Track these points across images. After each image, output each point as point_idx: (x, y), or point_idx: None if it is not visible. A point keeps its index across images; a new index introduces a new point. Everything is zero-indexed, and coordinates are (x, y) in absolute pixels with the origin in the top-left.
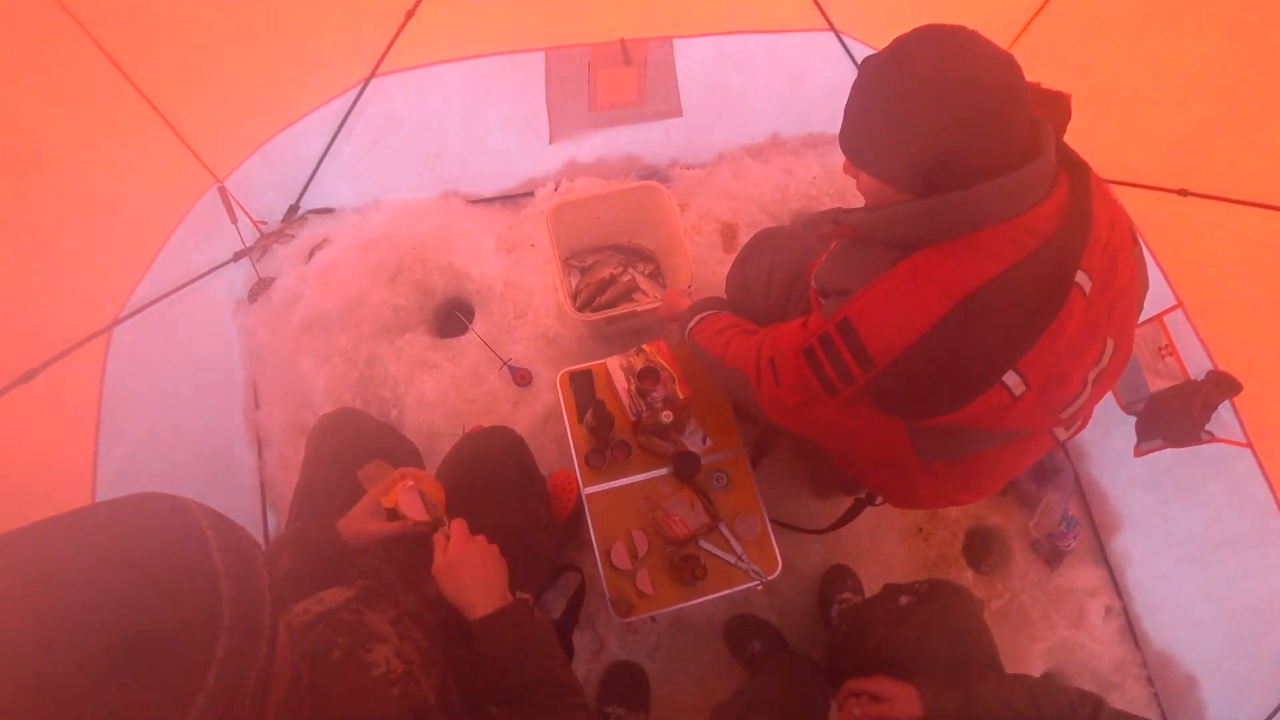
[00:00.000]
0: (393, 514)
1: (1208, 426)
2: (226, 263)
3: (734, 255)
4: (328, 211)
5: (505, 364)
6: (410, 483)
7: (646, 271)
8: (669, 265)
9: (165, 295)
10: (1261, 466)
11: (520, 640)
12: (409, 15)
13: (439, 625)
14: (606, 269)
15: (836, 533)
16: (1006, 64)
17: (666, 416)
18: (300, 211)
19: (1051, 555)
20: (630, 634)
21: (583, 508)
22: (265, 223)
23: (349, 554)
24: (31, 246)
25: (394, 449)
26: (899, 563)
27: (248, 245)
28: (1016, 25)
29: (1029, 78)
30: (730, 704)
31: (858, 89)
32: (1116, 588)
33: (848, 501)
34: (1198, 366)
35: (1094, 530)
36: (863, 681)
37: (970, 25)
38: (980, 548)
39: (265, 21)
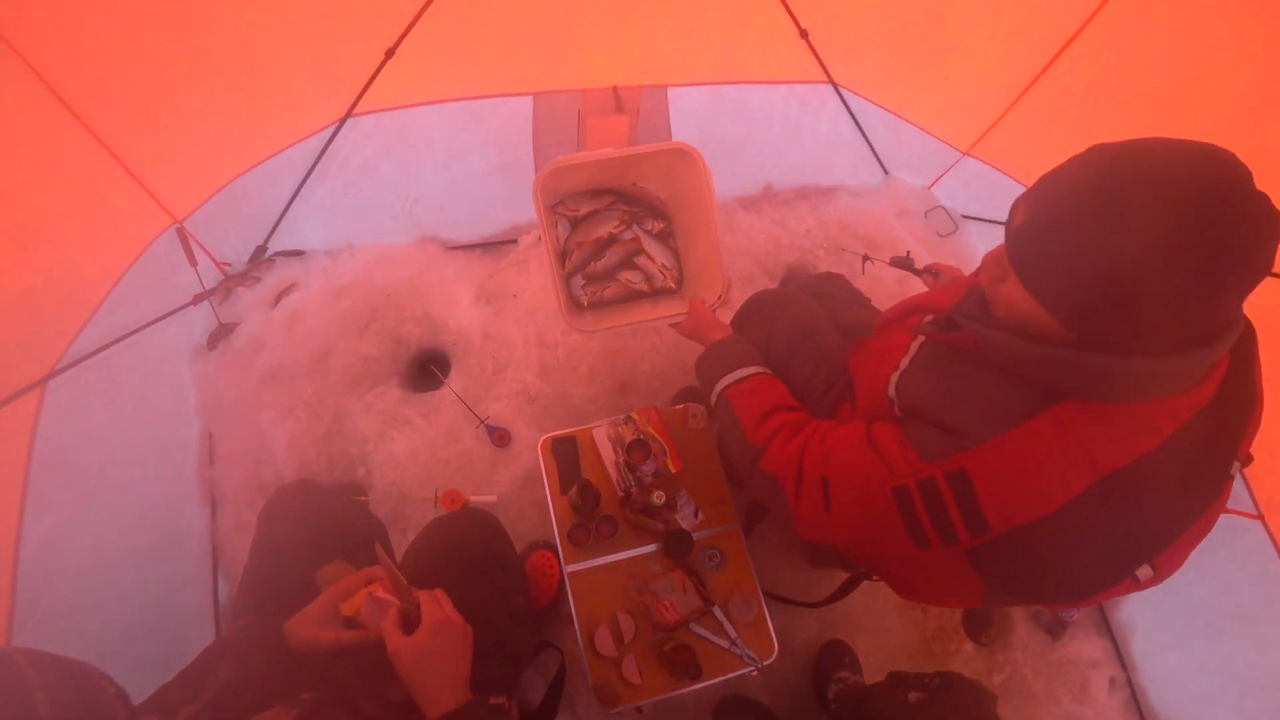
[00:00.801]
0: (351, 622)
1: None
2: (185, 305)
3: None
4: (297, 254)
5: (482, 423)
6: (375, 589)
7: (654, 230)
8: (693, 260)
9: (112, 343)
10: (1273, 538)
11: None
12: (389, 54)
13: None
14: (605, 225)
15: (832, 605)
16: (1273, 227)
17: (659, 498)
18: (268, 253)
19: (1054, 626)
20: (615, 716)
21: (564, 587)
22: (229, 264)
23: (298, 660)
24: None
25: (357, 529)
26: (897, 636)
27: (210, 288)
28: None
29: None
30: None
31: (1074, 202)
32: (1120, 659)
33: (844, 574)
34: None
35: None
36: None
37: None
38: (980, 618)
39: (233, 57)
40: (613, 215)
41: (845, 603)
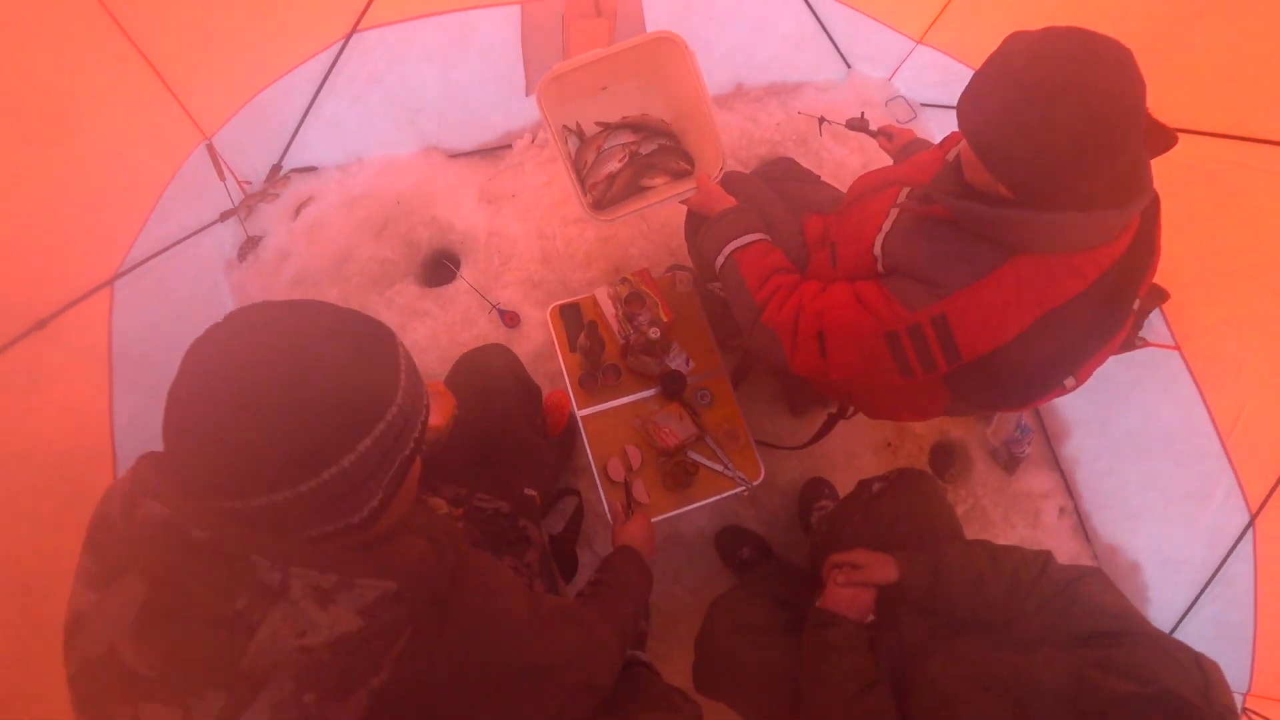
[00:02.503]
0: None
1: (1141, 333)
2: (214, 223)
3: None
4: (311, 170)
5: (494, 307)
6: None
7: (658, 149)
8: (691, 140)
9: (159, 252)
10: (1188, 366)
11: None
12: None
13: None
14: (612, 162)
15: (812, 449)
16: (1139, 92)
17: (654, 333)
18: (283, 170)
19: (1009, 462)
20: None
21: (576, 429)
22: (250, 182)
23: None
24: (37, 198)
25: None
26: (870, 473)
27: (234, 205)
28: None
29: None
30: (726, 595)
31: (998, 87)
32: (1069, 489)
33: (821, 418)
34: None
35: (1046, 439)
36: (845, 554)
37: None
38: (945, 459)
39: None
40: (617, 149)
41: (823, 445)
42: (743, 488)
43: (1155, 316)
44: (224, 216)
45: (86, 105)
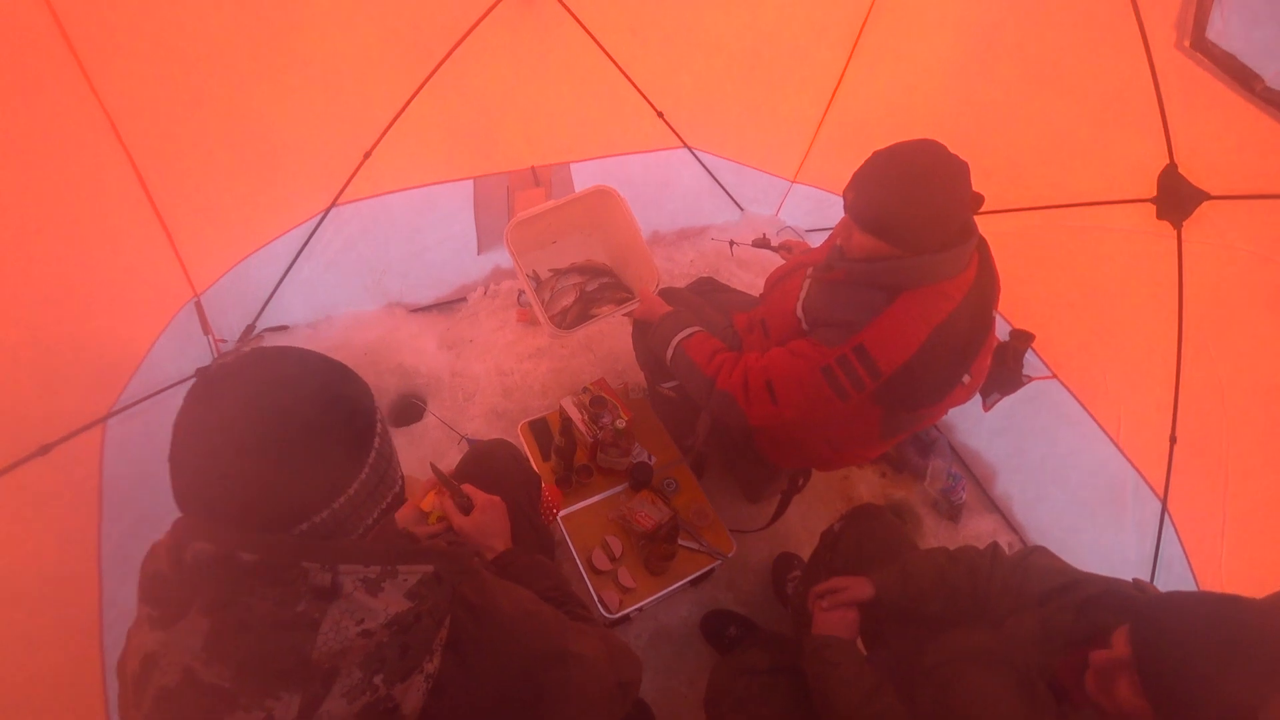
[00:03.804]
0: (424, 517)
1: (1024, 371)
2: (190, 379)
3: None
4: (282, 329)
5: (463, 438)
6: (436, 492)
7: (602, 285)
8: (628, 273)
9: (146, 397)
10: (1069, 389)
11: (530, 564)
12: (366, 155)
13: None
14: (569, 296)
15: (775, 528)
16: (966, 169)
17: (621, 423)
18: (256, 330)
19: (951, 511)
20: None
21: (558, 530)
22: (225, 340)
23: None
24: (51, 330)
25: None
26: None
27: (209, 362)
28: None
29: None
30: (726, 657)
31: (874, 179)
32: (1010, 524)
33: (776, 500)
34: (1002, 330)
35: (978, 484)
36: (824, 584)
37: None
38: (895, 518)
39: (258, 157)
40: (570, 287)
41: (785, 524)
42: (719, 560)
43: (1030, 356)
44: (198, 372)
45: (103, 249)
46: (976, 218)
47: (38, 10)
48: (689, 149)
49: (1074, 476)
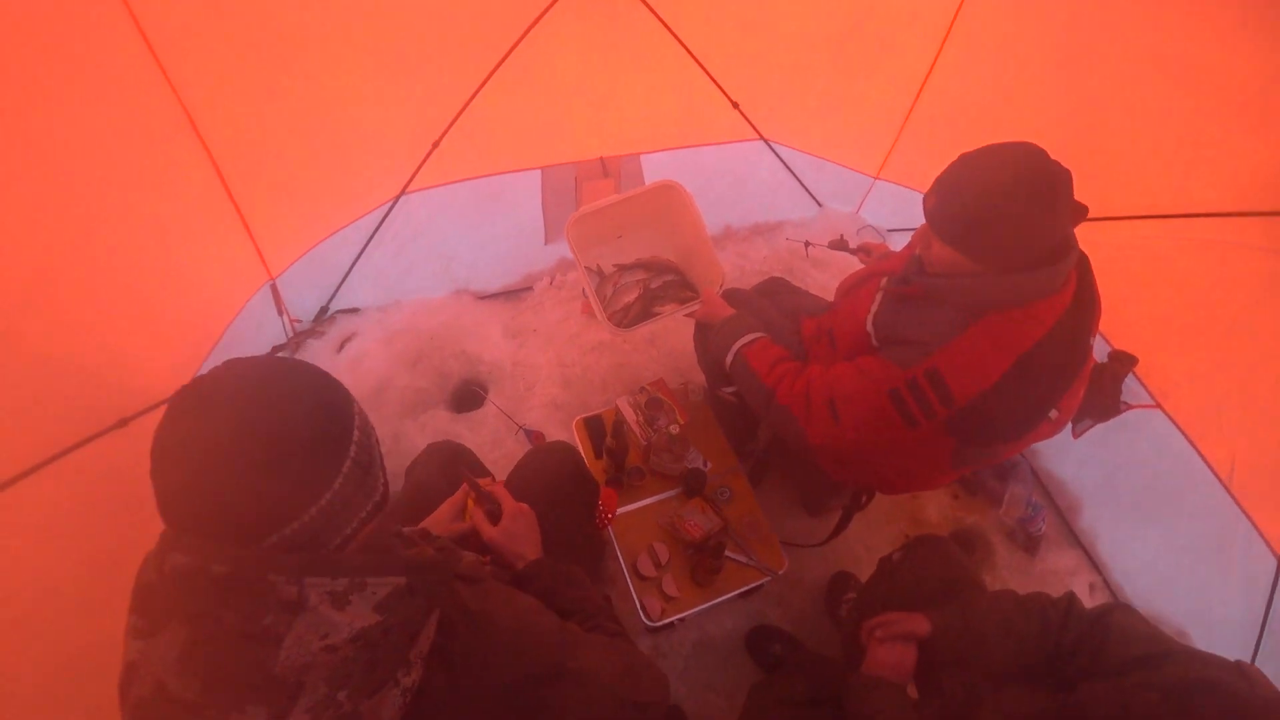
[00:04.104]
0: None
1: (1123, 398)
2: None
3: None
4: (354, 311)
5: (520, 428)
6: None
7: (666, 282)
8: (694, 271)
9: None
10: (1174, 421)
11: (562, 574)
12: (435, 145)
13: None
14: (632, 293)
15: (833, 545)
16: (1068, 178)
17: (674, 428)
18: (330, 311)
19: (1028, 542)
20: (659, 657)
21: (607, 534)
22: (300, 320)
23: None
24: (133, 311)
25: (465, 463)
26: None
27: (286, 340)
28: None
29: None
30: (765, 679)
31: (960, 186)
32: (1093, 563)
33: (837, 515)
34: (1100, 352)
35: (1061, 516)
36: (879, 617)
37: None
38: (964, 545)
39: (329, 146)
40: (634, 283)
41: (844, 542)
42: (768, 577)
43: (1131, 381)
44: (274, 350)
45: (183, 236)
46: (1079, 227)
47: (113, 5)
48: (765, 141)
49: (1173, 518)
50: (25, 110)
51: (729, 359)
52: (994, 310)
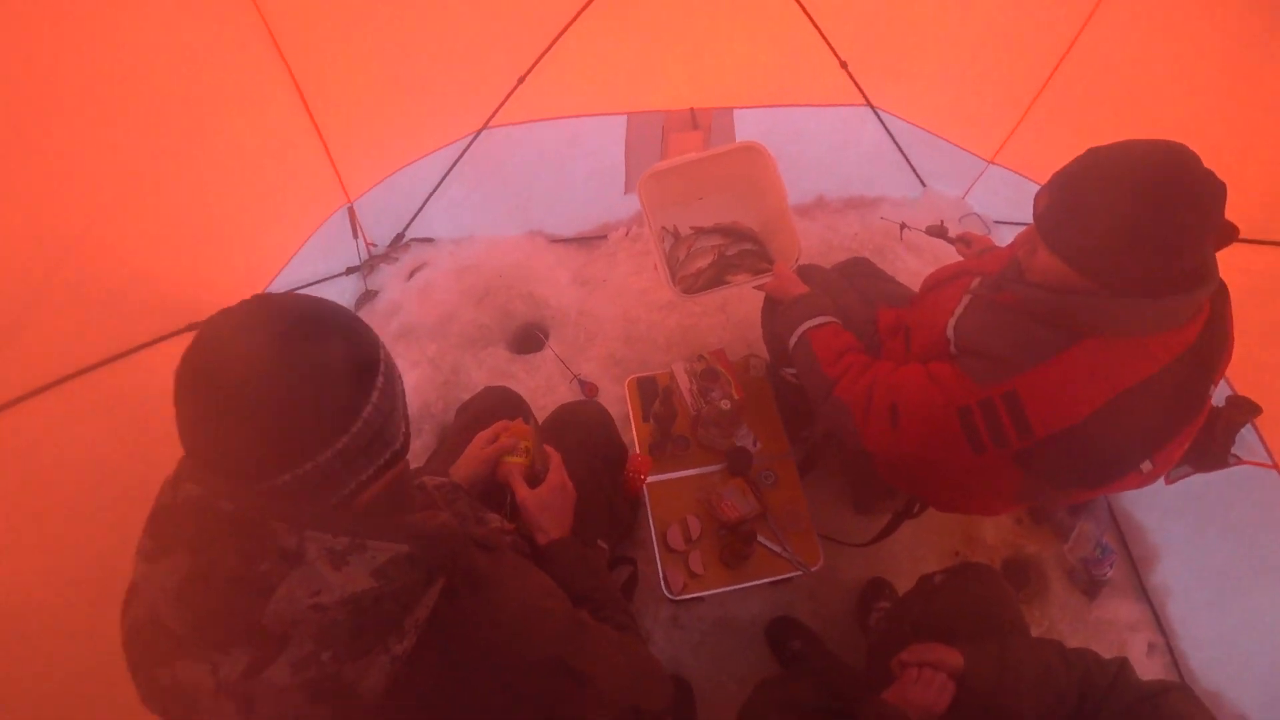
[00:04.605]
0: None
1: (1233, 450)
2: (339, 275)
3: None
4: (428, 240)
5: (575, 377)
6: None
7: (743, 251)
8: (774, 242)
9: (295, 290)
10: None
11: (583, 558)
12: (520, 80)
13: None
14: (705, 258)
15: (876, 549)
16: (1220, 192)
17: (725, 404)
18: (405, 238)
19: (1089, 585)
20: (676, 629)
21: (642, 499)
22: (375, 244)
23: None
24: (212, 223)
25: (520, 409)
26: None
27: (360, 262)
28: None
29: None
30: (774, 677)
31: (1082, 188)
32: (1159, 623)
33: (887, 517)
34: (1219, 394)
35: (1132, 564)
36: (910, 651)
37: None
38: (1017, 575)
39: (412, 76)
40: (709, 248)
41: (888, 547)
42: (799, 571)
43: (1249, 433)
44: (349, 271)
45: (265, 155)
46: (1223, 252)
47: None
48: (872, 108)
49: (1265, 595)
50: (122, 27)
51: (793, 340)
52: (1098, 335)
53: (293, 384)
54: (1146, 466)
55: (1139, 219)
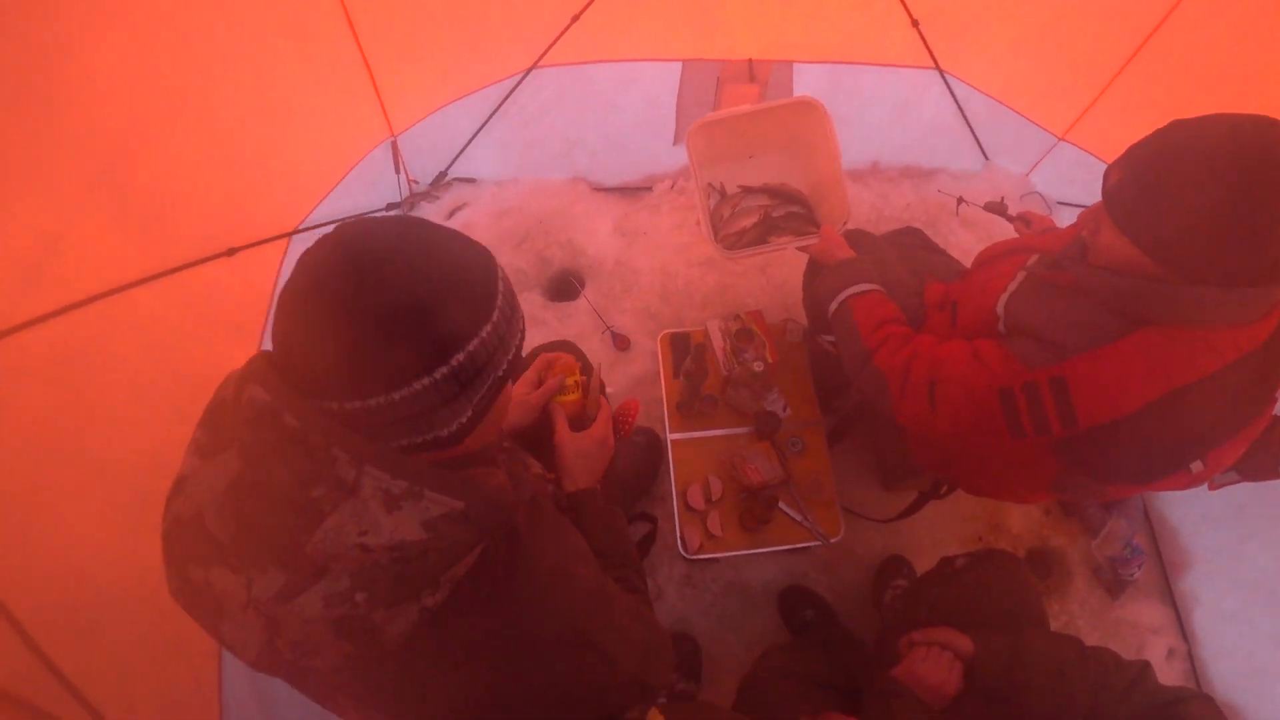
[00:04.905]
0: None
1: None
2: (380, 210)
3: None
4: (470, 181)
5: (609, 329)
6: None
7: (790, 214)
8: (824, 207)
9: (333, 222)
10: None
11: (605, 514)
12: (574, 19)
13: None
14: (750, 218)
15: (898, 526)
16: None
17: (758, 366)
18: (448, 177)
19: (1114, 584)
20: (689, 587)
21: (663, 454)
22: (418, 181)
23: None
24: (250, 150)
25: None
26: None
27: (401, 199)
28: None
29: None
30: (781, 646)
31: (1161, 165)
32: (1182, 630)
33: (913, 495)
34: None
35: (1161, 567)
36: (921, 631)
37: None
38: (1041, 566)
39: (464, 5)
40: (755, 208)
41: (910, 527)
42: (819, 542)
43: None
44: (389, 207)
45: (310, 82)
46: None
47: None
48: (940, 72)
49: None
50: None
51: (834, 305)
52: (1161, 324)
53: (422, 294)
54: (1197, 467)
55: (1223, 202)
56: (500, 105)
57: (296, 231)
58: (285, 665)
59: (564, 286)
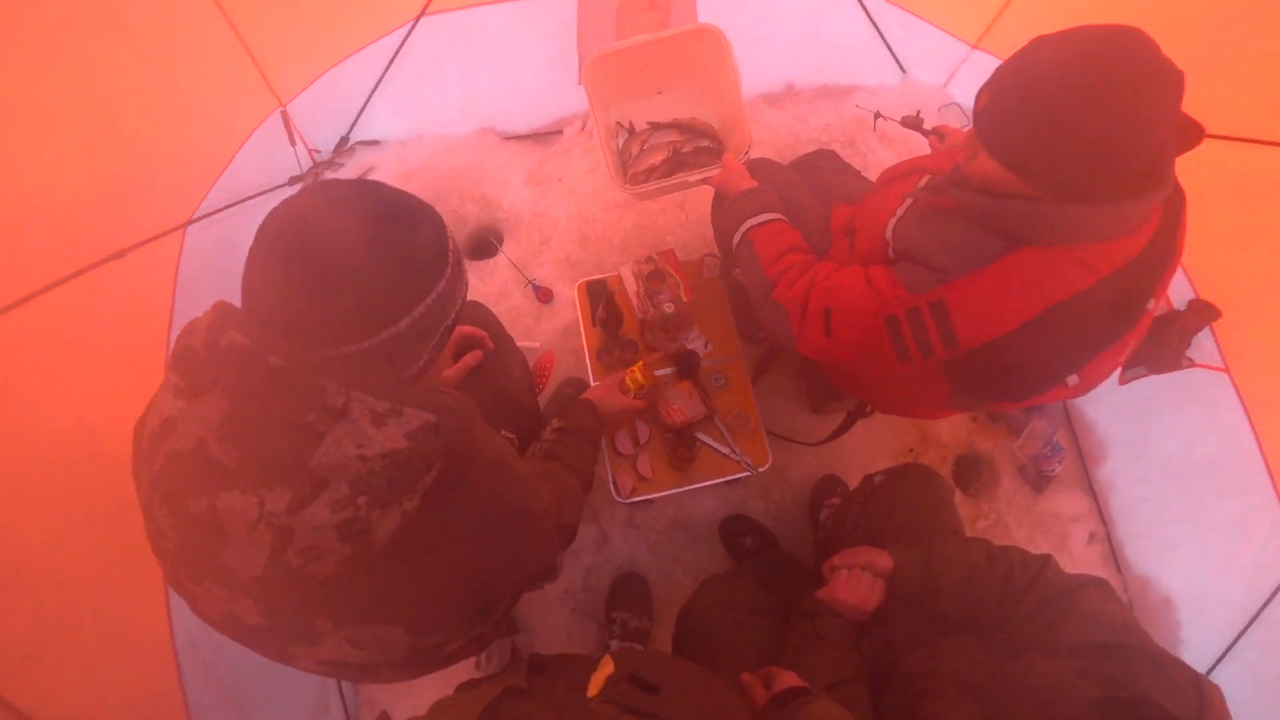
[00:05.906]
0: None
1: (1188, 353)
2: (282, 185)
3: None
4: (375, 143)
5: (530, 283)
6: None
7: (699, 149)
8: (733, 139)
9: (229, 205)
10: (1237, 389)
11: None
12: None
13: None
14: (659, 154)
15: (831, 448)
16: (1176, 84)
17: (668, 307)
18: (350, 142)
19: (1037, 480)
20: (632, 529)
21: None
22: (319, 151)
23: None
24: (124, 144)
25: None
26: None
27: (303, 171)
28: None
29: None
30: (717, 575)
31: (1023, 85)
32: (1101, 514)
33: (840, 418)
34: (1180, 296)
35: (1081, 460)
36: (841, 555)
37: None
38: (969, 471)
39: None
40: (664, 145)
41: (842, 445)
42: (747, 472)
43: (1204, 336)
44: (292, 180)
45: (175, 62)
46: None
47: None
48: None
49: (1201, 490)
50: None
51: (736, 238)
52: (1036, 244)
53: (379, 262)
54: (1073, 380)
55: (1081, 118)
56: (393, 60)
57: (191, 222)
58: (282, 581)
59: (482, 244)
